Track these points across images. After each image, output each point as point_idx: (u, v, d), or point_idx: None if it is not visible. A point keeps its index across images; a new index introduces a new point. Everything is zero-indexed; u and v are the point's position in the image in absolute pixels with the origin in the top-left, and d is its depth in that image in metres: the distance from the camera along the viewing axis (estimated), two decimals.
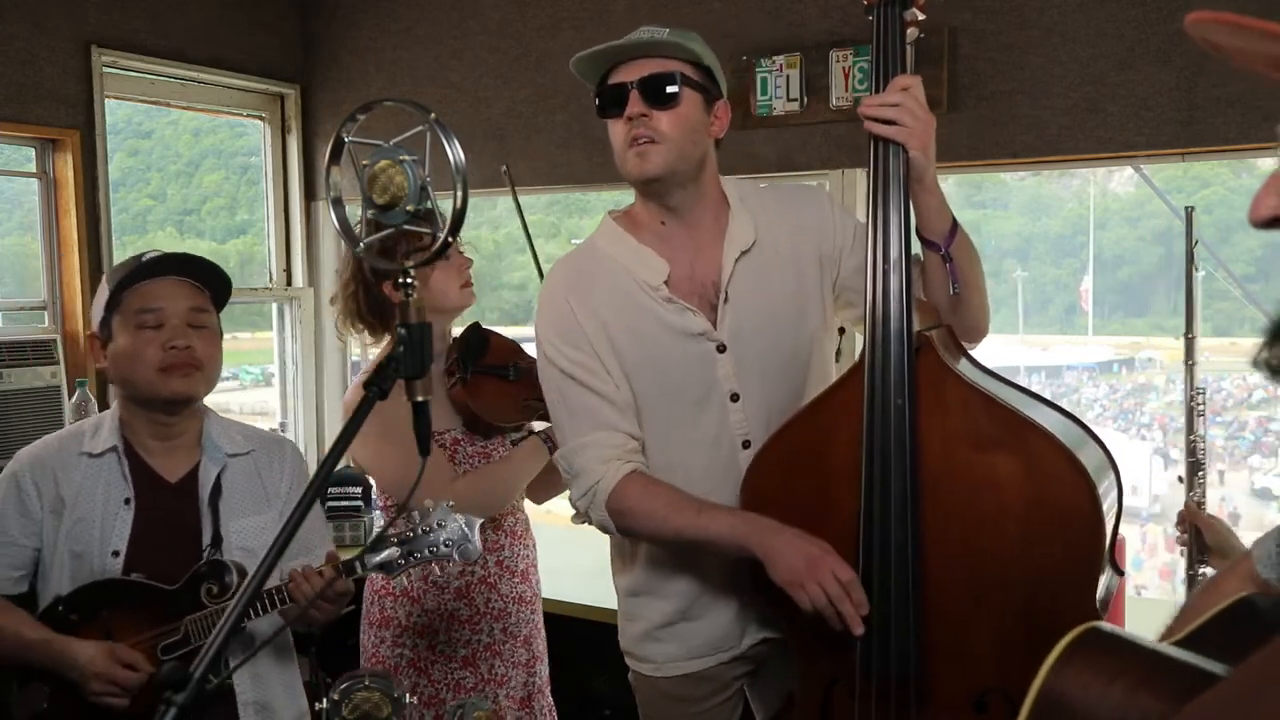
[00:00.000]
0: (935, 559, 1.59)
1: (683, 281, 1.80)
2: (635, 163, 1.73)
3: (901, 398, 1.56)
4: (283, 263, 4.00)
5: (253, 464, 1.97)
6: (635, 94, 1.72)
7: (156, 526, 1.86)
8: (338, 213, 1.26)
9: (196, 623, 1.79)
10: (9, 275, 3.59)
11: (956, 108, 2.78)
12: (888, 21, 1.64)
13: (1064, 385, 12.14)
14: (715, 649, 1.89)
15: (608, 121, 1.77)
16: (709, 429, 1.81)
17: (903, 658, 1.59)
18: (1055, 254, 12.84)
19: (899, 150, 1.61)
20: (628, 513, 1.75)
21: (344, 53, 3.86)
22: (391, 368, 1.17)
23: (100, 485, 1.86)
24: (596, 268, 1.82)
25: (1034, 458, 1.52)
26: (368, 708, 1.51)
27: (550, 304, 1.83)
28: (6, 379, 2.99)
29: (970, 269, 1.70)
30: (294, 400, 4.06)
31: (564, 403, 1.81)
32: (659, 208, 1.81)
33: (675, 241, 1.81)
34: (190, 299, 1.87)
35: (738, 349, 1.79)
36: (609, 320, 1.79)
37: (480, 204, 4.22)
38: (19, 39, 3.13)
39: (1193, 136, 2.60)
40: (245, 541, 1.90)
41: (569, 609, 2.91)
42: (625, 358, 1.79)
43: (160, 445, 1.91)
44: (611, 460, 1.75)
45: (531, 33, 3.49)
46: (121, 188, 7.04)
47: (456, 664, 2.25)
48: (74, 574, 1.83)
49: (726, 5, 3.16)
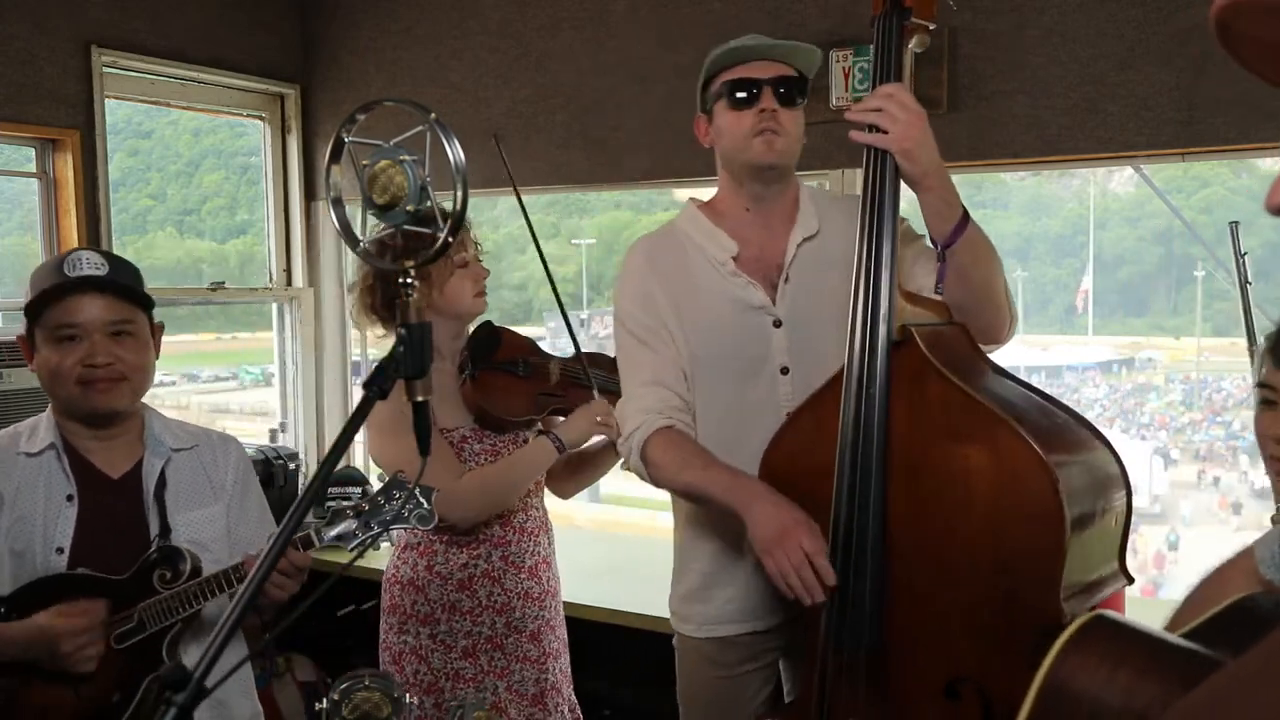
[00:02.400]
0: (901, 541, 1.66)
1: (750, 261, 1.97)
2: (762, 149, 1.90)
3: (874, 387, 1.66)
4: (283, 263, 4.00)
5: (197, 458, 1.95)
6: (768, 91, 1.89)
7: (101, 522, 1.84)
8: (338, 213, 1.26)
9: (150, 608, 1.77)
10: (9, 275, 3.59)
11: (956, 108, 2.79)
12: (886, 32, 1.74)
13: (1064, 385, 12.14)
14: (749, 616, 2.00)
15: (725, 110, 1.92)
16: (758, 398, 1.94)
17: (864, 633, 1.68)
18: (1055, 254, 12.84)
19: (885, 152, 1.69)
20: (652, 462, 1.92)
21: (344, 53, 3.86)
22: (392, 368, 1.17)
23: (41, 483, 1.84)
24: (674, 245, 2.01)
25: (999, 450, 1.56)
26: (368, 708, 1.50)
27: (631, 273, 2.02)
28: (6, 379, 2.99)
29: (974, 270, 1.74)
30: (294, 400, 4.06)
31: (630, 359, 2.00)
32: (750, 195, 1.98)
33: (752, 227, 1.98)
34: (111, 311, 1.82)
35: (793, 325, 1.94)
36: (679, 291, 1.97)
37: (480, 204, 4.22)
38: (19, 39, 3.13)
39: (1193, 136, 2.60)
40: (193, 534, 1.89)
41: (569, 609, 2.90)
42: (689, 325, 1.96)
43: (99, 444, 1.89)
44: (653, 412, 1.92)
45: (531, 33, 3.49)
46: (121, 188, 7.05)
47: (456, 654, 2.29)
48: (15, 573, 1.81)
49: (726, 5, 3.16)
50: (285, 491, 3.51)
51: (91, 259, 1.84)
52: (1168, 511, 11.88)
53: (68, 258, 1.84)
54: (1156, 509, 10.60)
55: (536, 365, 2.35)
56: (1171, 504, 11.94)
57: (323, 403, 4.05)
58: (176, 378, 12.42)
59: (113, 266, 1.86)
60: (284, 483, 3.54)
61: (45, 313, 1.81)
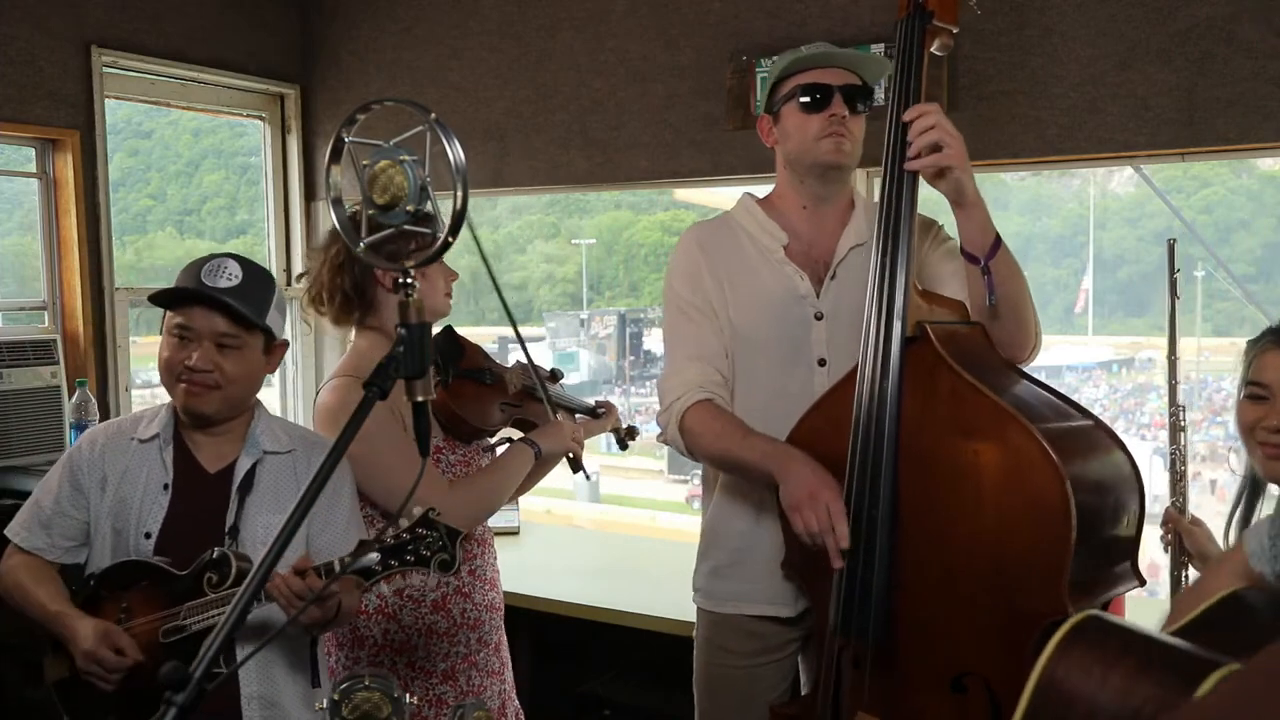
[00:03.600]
0: (910, 534, 1.69)
1: (799, 254, 2.05)
2: (832, 150, 1.98)
3: (888, 381, 1.72)
4: (283, 263, 4.00)
5: (290, 463, 1.98)
6: (839, 97, 1.97)
7: (189, 513, 1.91)
8: (338, 213, 1.26)
9: (193, 609, 1.81)
10: (9, 275, 3.59)
11: (956, 108, 2.78)
12: (909, 35, 1.79)
13: (1064, 385, 12.16)
14: (771, 600, 2.03)
15: (795, 112, 1.99)
16: (794, 388, 1.99)
17: (871, 622, 1.71)
18: (1055, 254, 12.83)
19: (910, 174, 1.77)
20: (690, 431, 1.98)
21: (344, 53, 3.86)
22: (392, 368, 1.17)
23: (144, 469, 1.93)
24: (726, 233, 2.09)
25: (1009, 446, 1.58)
26: (368, 708, 1.50)
27: (682, 254, 2.10)
28: (6, 379, 3.00)
29: (1007, 286, 1.79)
30: (294, 400, 4.06)
31: (674, 334, 2.08)
32: (810, 194, 2.06)
33: (806, 224, 2.07)
34: (225, 325, 1.89)
35: (834, 320, 2.00)
36: (727, 274, 2.04)
37: (480, 204, 4.22)
38: (19, 39, 3.13)
39: (1193, 136, 2.60)
40: (267, 537, 1.91)
41: (569, 609, 2.91)
42: (735, 308, 2.03)
43: (207, 438, 1.96)
44: (694, 386, 1.99)
45: (531, 33, 3.49)
46: (121, 188, 7.04)
47: (437, 679, 2.18)
48: (114, 549, 1.91)
49: (726, 5, 3.16)
50: None
51: (231, 271, 1.89)
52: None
53: (209, 264, 1.90)
54: (1156, 509, 10.59)
55: (497, 374, 2.31)
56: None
57: None
58: None
59: (244, 281, 1.90)
60: None
61: (172, 307, 1.91)
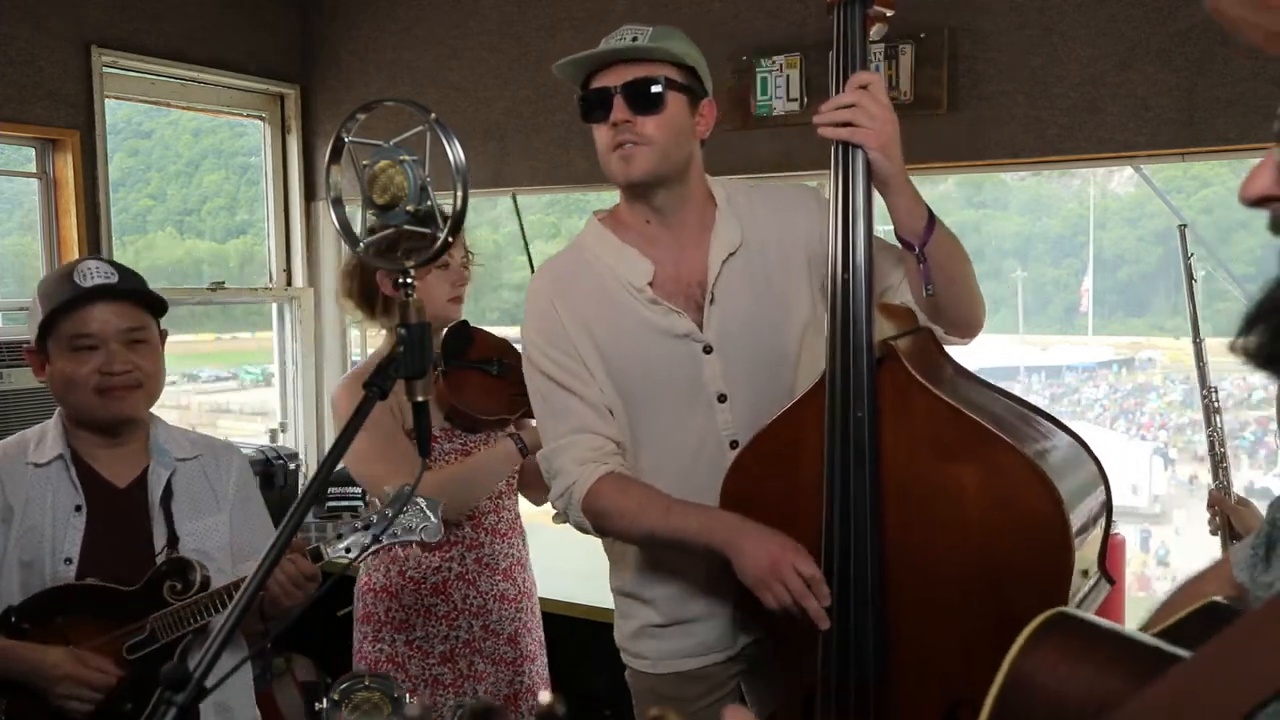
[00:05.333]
0: (897, 568, 1.56)
1: (668, 282, 1.79)
2: (620, 166, 1.73)
3: (861, 410, 1.53)
4: (283, 263, 4.00)
5: (200, 468, 1.96)
6: (619, 99, 1.70)
7: (109, 532, 1.85)
8: (338, 213, 1.26)
9: (162, 620, 1.78)
10: (9, 275, 3.59)
11: (956, 108, 2.78)
12: (847, 21, 1.60)
13: (1064, 385, 12.14)
14: (709, 649, 1.87)
15: (592, 125, 1.77)
16: (696, 430, 1.80)
17: (865, 665, 1.57)
18: (1055, 254, 12.83)
19: (859, 152, 1.56)
20: (602, 513, 1.75)
21: (344, 53, 3.86)
22: (392, 368, 1.17)
23: (49, 493, 1.85)
24: (582, 269, 1.82)
25: (997, 468, 1.47)
26: (367, 708, 1.50)
27: (535, 306, 1.83)
28: (6, 379, 2.99)
29: (951, 264, 1.64)
30: (294, 400, 4.06)
31: (546, 404, 1.82)
32: (644, 208, 1.80)
33: (661, 242, 1.81)
34: (126, 319, 1.83)
35: (725, 350, 1.78)
36: (592, 321, 1.78)
37: (480, 204, 4.22)
38: (19, 39, 3.13)
39: (1193, 136, 2.60)
40: (198, 544, 1.90)
41: (568, 609, 2.91)
42: (609, 359, 1.78)
43: (107, 453, 1.90)
44: (588, 462, 1.75)
45: (531, 33, 3.49)
46: (121, 188, 7.05)
47: (434, 659, 2.28)
48: (24, 583, 1.82)
49: (726, 5, 3.16)
50: (285, 492, 3.51)
51: (101, 268, 1.84)
52: (1168, 511, 11.88)
53: (77, 268, 1.83)
54: (1156, 509, 10.57)
55: (511, 365, 2.31)
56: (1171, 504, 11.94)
57: (323, 403, 4.05)
58: (176, 378, 12.38)
59: (121, 274, 1.86)
60: (284, 483, 3.55)
61: (59, 323, 1.81)
